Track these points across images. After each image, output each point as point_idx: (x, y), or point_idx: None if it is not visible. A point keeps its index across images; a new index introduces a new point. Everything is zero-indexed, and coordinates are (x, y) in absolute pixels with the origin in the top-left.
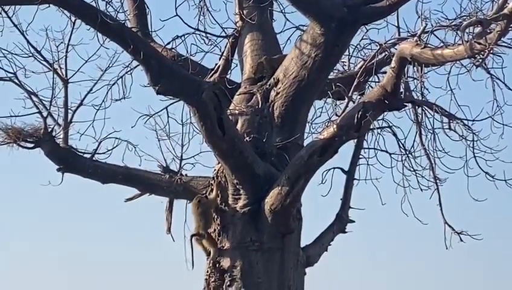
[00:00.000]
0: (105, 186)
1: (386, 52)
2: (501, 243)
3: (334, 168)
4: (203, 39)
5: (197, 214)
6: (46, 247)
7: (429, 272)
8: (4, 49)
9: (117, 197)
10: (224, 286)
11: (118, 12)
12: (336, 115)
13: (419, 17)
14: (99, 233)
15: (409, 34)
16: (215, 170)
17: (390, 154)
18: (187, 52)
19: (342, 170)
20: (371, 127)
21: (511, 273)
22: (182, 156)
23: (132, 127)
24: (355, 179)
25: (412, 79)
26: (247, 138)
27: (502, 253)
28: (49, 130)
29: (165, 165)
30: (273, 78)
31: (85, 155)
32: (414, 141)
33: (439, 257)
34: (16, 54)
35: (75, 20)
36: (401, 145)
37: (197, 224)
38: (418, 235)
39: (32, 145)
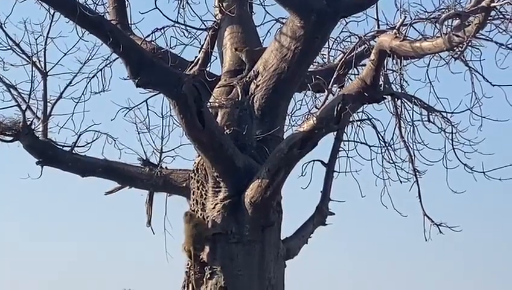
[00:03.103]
0: (85, 180)
1: (366, 45)
2: (479, 234)
3: (314, 160)
4: (183, 32)
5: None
6: (23, 239)
7: (408, 263)
8: None
9: (97, 190)
10: (204, 279)
11: (97, 4)
12: (316, 107)
13: (398, 9)
14: (78, 226)
15: (388, 27)
16: (195, 162)
17: (369, 146)
18: (167, 44)
19: (322, 162)
20: (351, 119)
21: (489, 263)
22: (162, 149)
23: (112, 120)
24: (335, 171)
25: (391, 71)
26: (227, 131)
27: (480, 244)
28: (28, 123)
29: (145, 158)
30: (253, 71)
31: (64, 148)
32: (393, 133)
33: (418, 248)
34: None
35: (54, 12)
36: (381, 138)
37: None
38: (397, 227)
39: (11, 138)
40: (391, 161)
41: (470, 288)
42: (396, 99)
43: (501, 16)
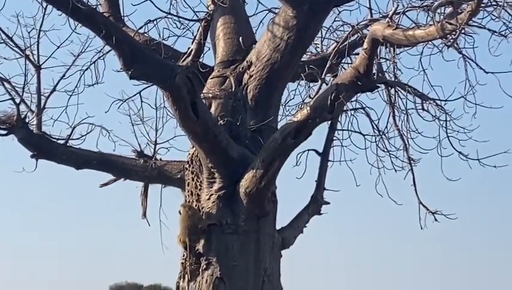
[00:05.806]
0: (80, 172)
1: (359, 34)
2: (475, 221)
3: (309, 150)
4: (175, 23)
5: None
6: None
7: (404, 252)
8: None
9: (92, 182)
10: (200, 270)
11: None
12: (310, 97)
13: None
14: (73, 218)
15: (381, 16)
16: (189, 154)
17: (364, 135)
18: (159, 36)
19: (316, 151)
20: (344, 108)
21: (484, 250)
22: (156, 140)
23: (106, 112)
24: (330, 160)
25: (384, 60)
26: (221, 122)
27: (475, 231)
28: (22, 116)
29: (139, 150)
30: (246, 61)
31: (59, 141)
32: (387, 121)
33: (414, 236)
34: None
35: (46, 5)
36: (375, 126)
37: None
38: (393, 216)
39: (5, 132)
40: (385, 150)
41: (465, 273)
42: (389, 88)
43: (494, 3)
